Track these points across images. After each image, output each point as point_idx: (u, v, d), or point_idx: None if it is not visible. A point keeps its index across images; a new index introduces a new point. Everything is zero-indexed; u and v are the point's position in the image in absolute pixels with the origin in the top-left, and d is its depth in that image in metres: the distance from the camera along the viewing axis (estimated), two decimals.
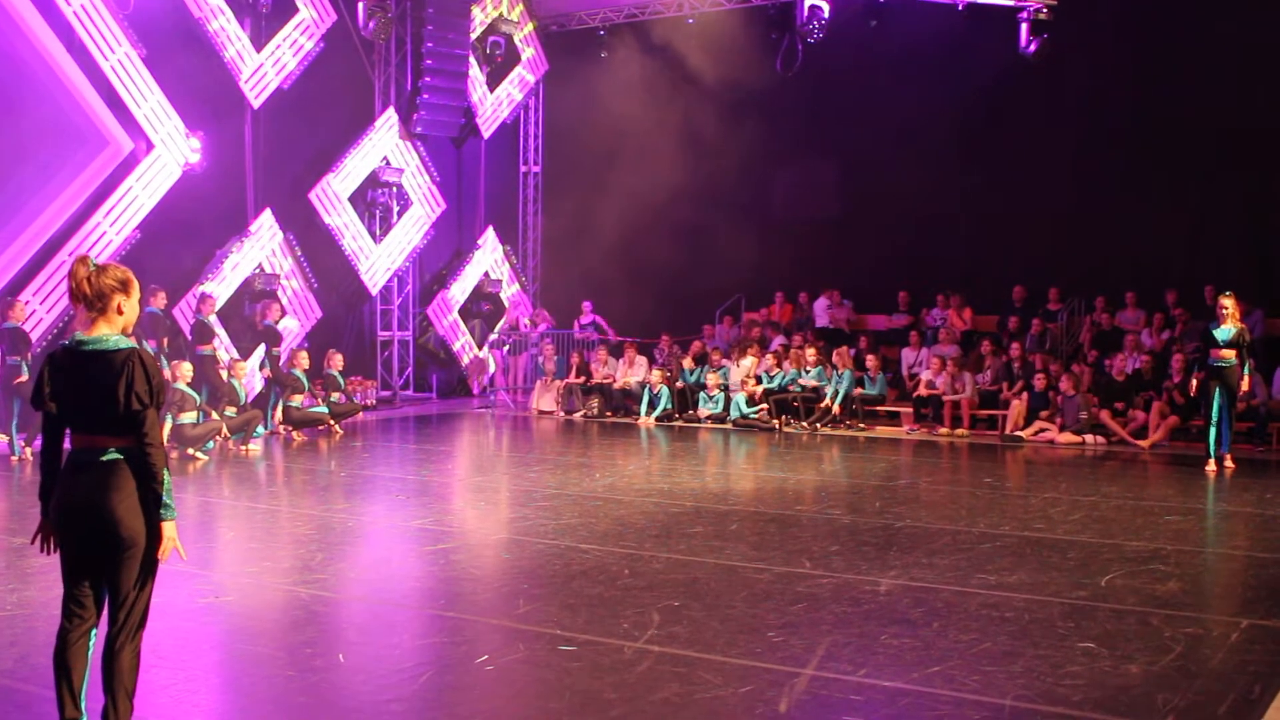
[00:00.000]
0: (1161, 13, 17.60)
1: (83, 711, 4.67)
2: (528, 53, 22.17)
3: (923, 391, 17.12)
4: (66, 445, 4.77)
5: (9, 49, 14.92)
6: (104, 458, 4.64)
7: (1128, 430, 15.53)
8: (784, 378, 17.93)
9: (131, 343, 4.72)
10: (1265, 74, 16.69)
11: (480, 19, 20.83)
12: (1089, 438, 15.55)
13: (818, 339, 19.06)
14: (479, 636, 6.66)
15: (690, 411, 18.52)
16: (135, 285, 4.80)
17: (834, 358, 17.69)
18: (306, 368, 16.44)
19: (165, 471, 4.69)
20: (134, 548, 4.63)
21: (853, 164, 20.42)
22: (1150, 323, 17.38)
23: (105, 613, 4.74)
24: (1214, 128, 17.26)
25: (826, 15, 17.74)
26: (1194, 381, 13.67)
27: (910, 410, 17.37)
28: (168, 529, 4.68)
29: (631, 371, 19.35)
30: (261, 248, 17.97)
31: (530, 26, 22.06)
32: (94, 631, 4.74)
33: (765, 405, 17.68)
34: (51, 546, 4.80)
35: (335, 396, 16.75)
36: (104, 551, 4.65)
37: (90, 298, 4.69)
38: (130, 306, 4.76)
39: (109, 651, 4.66)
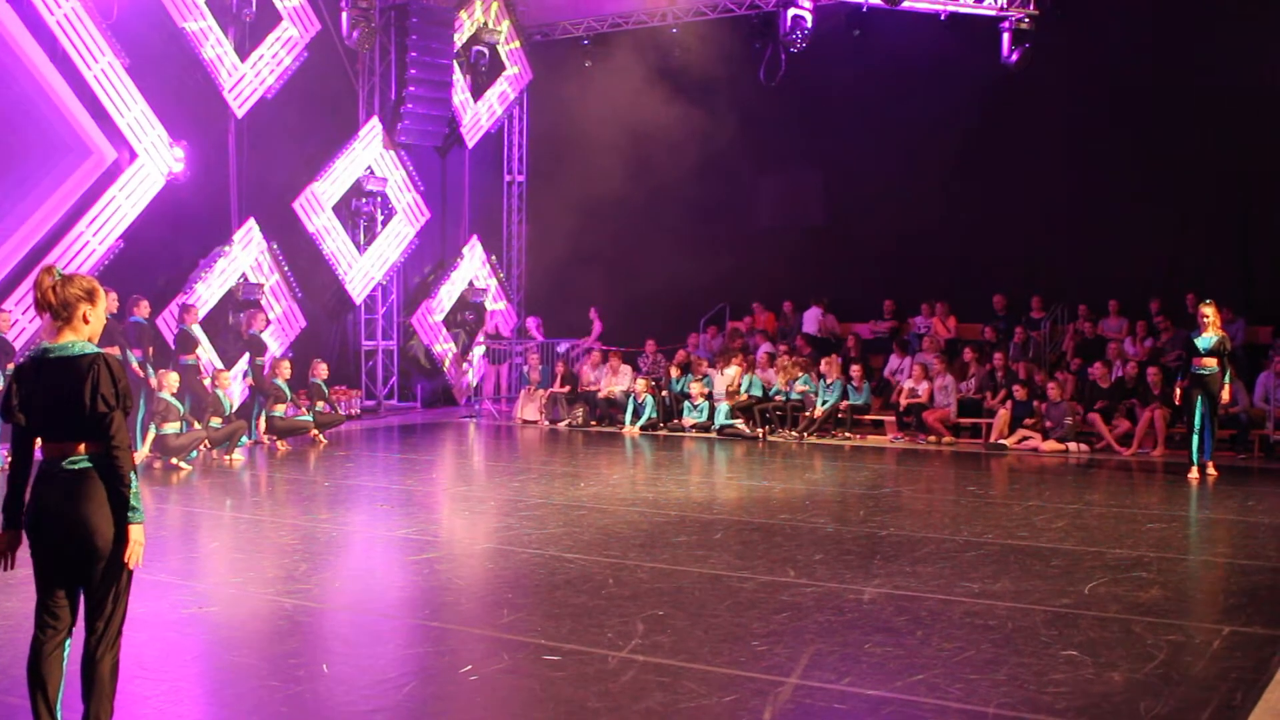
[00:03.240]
0: (1143, 23, 17.67)
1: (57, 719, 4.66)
2: (511, 62, 22.17)
3: (904, 400, 17.13)
4: (37, 456, 4.76)
5: None
6: (74, 466, 4.63)
7: (1113, 436, 15.56)
8: (770, 388, 17.99)
9: (97, 348, 4.73)
10: (1247, 82, 16.77)
11: (464, 28, 20.85)
12: (1073, 445, 15.61)
13: (806, 347, 19.11)
14: (463, 646, 6.65)
15: (675, 420, 18.53)
16: (101, 295, 4.81)
17: (822, 366, 17.71)
18: (289, 377, 16.41)
19: (133, 475, 4.67)
20: (108, 555, 4.63)
21: (836, 173, 20.51)
22: (1133, 331, 17.44)
23: (80, 622, 4.73)
24: (1196, 136, 17.36)
25: (809, 25, 17.79)
26: (1177, 390, 13.73)
27: (894, 419, 17.39)
28: (135, 532, 4.65)
29: (616, 380, 19.35)
30: (245, 257, 17.94)
31: (506, 27, 21.98)
32: (68, 641, 4.73)
33: (741, 417, 17.73)
34: (11, 562, 4.79)
35: (320, 406, 16.72)
36: (78, 560, 4.64)
37: (56, 307, 4.70)
38: (96, 315, 4.77)
39: (89, 660, 4.65)
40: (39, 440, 4.75)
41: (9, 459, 4.83)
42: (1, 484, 5.06)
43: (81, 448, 4.64)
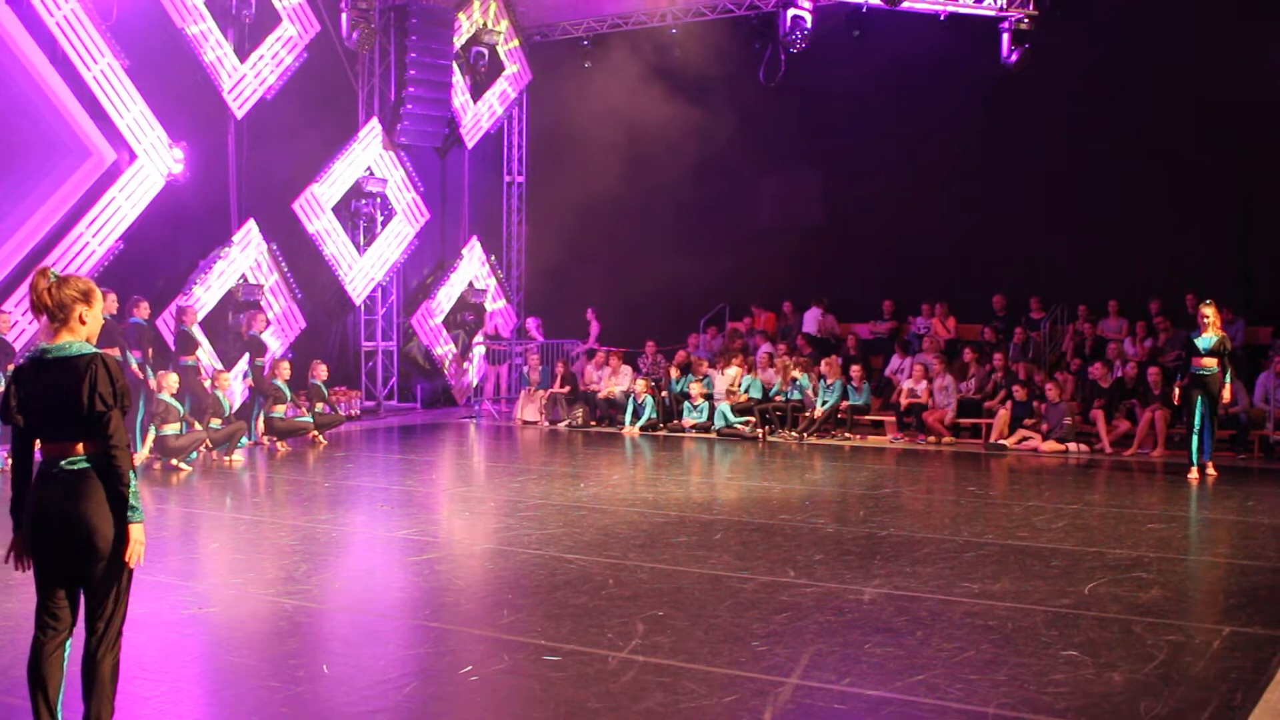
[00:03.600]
0: (1142, 24, 17.68)
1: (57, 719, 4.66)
2: (511, 63, 22.18)
3: (904, 400, 17.12)
4: (37, 457, 4.77)
5: None
6: (73, 466, 4.64)
7: (1112, 437, 15.56)
8: (770, 388, 17.99)
9: (94, 349, 4.74)
10: (1247, 82, 16.78)
11: (464, 29, 20.86)
12: (1072, 446, 15.60)
13: (807, 347, 19.11)
14: (463, 647, 6.65)
15: (675, 421, 18.53)
16: (97, 296, 4.82)
17: (822, 366, 17.72)
18: (288, 378, 16.41)
19: (132, 474, 4.68)
20: (109, 555, 4.63)
21: (836, 173, 20.51)
22: (1133, 331, 17.44)
23: (81, 622, 4.74)
24: (1196, 137, 17.37)
25: (809, 26, 17.79)
26: (1176, 390, 13.73)
27: (894, 419, 17.39)
28: (135, 531, 4.67)
29: (616, 381, 19.35)
30: (245, 258, 17.94)
31: (505, 28, 21.98)
32: (69, 641, 4.73)
33: (753, 418, 17.70)
34: (26, 563, 4.79)
35: (319, 407, 16.72)
36: (79, 560, 4.65)
37: (51, 309, 4.71)
38: (92, 317, 4.78)
39: (89, 660, 4.65)
40: (38, 441, 4.75)
41: (8, 461, 4.84)
42: (4, 486, 5.05)
43: (80, 448, 4.65)
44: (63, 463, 4.64)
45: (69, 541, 4.62)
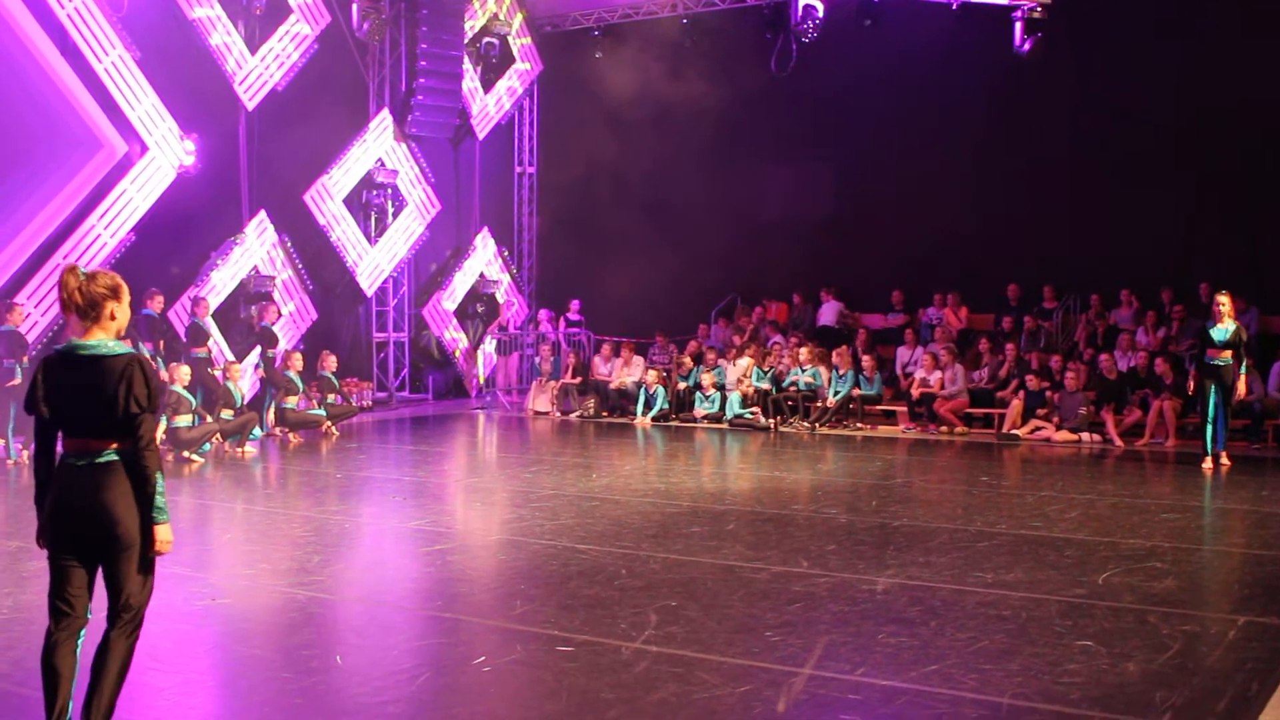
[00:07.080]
0: (1155, 11, 17.59)
1: (69, 713, 4.66)
2: (521, 52, 22.15)
3: (917, 390, 17.09)
4: (59, 449, 4.77)
5: (2, 52, 14.89)
6: (100, 459, 4.65)
7: (1122, 427, 15.50)
8: (784, 379, 17.96)
9: (129, 348, 4.76)
10: (1259, 71, 16.70)
11: (474, 20, 20.83)
12: (1086, 435, 15.56)
13: (820, 338, 19.06)
14: (476, 638, 6.65)
15: (686, 411, 18.52)
16: (125, 290, 4.83)
17: (834, 357, 17.70)
18: (300, 369, 16.42)
19: (159, 475, 4.70)
20: (133, 547, 4.66)
21: (847, 164, 20.42)
22: (1142, 320, 17.37)
23: (91, 613, 4.74)
24: (1209, 125, 17.28)
25: (821, 15, 17.73)
26: (1191, 380, 13.68)
27: (906, 409, 17.37)
28: (162, 531, 4.71)
29: (628, 372, 19.34)
30: (256, 250, 17.95)
31: (514, 14, 21.94)
32: (82, 632, 4.74)
33: (758, 407, 17.67)
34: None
35: (331, 398, 16.73)
36: (101, 552, 4.66)
37: (83, 307, 4.72)
38: (122, 311, 4.80)
39: (105, 644, 4.65)
40: (61, 434, 4.77)
41: (23, 451, 4.84)
42: (31, 476, 5.06)
43: (108, 443, 4.66)
44: (89, 456, 4.65)
45: (91, 532, 4.65)
